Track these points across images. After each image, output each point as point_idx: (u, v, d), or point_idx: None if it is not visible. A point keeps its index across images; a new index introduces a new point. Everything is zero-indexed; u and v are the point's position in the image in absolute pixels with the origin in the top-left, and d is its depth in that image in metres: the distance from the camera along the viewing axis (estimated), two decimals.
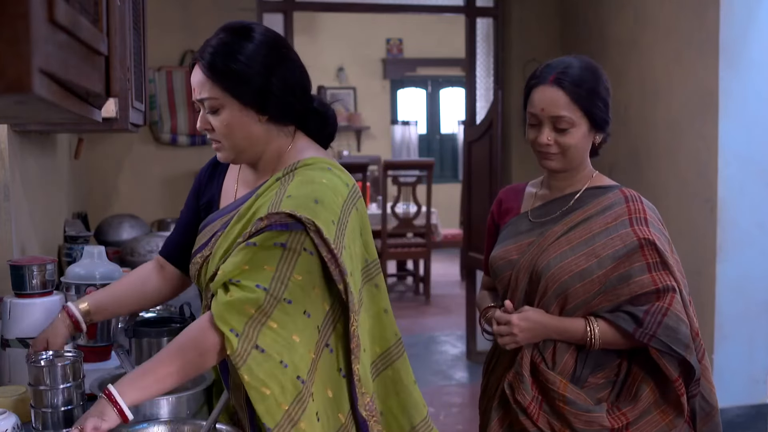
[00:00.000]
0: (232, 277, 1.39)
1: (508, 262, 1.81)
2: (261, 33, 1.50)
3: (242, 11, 4.55)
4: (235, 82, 1.46)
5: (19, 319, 1.64)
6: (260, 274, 1.38)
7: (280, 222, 1.40)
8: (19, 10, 0.69)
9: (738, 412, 3.63)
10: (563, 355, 1.74)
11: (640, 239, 1.68)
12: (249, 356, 1.35)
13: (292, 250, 1.40)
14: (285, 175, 1.51)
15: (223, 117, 1.48)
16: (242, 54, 1.46)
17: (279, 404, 1.36)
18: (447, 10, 6.69)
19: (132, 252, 3.36)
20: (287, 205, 1.41)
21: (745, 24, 3.64)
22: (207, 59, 1.47)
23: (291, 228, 1.40)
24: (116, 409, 1.33)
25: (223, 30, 1.52)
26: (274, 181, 1.51)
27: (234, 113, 1.48)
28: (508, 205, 1.93)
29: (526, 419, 1.73)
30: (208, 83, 1.47)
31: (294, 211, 1.40)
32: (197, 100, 1.50)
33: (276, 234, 1.40)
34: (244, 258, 1.40)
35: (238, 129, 1.49)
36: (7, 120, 1.73)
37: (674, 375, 1.67)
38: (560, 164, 1.77)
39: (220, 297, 1.39)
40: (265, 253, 1.40)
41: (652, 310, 1.65)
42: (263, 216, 1.41)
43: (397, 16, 9.39)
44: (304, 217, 1.39)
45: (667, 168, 4.02)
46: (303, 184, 1.46)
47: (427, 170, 7.06)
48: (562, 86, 1.71)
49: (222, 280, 1.40)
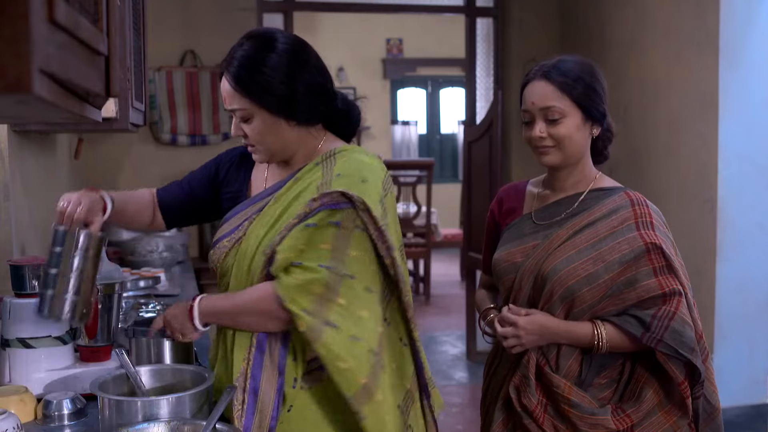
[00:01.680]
0: (293, 260, 1.47)
1: (512, 264, 1.80)
2: (283, 42, 1.56)
3: (242, 11, 4.55)
4: (262, 93, 1.53)
5: (19, 319, 1.64)
6: (318, 253, 1.47)
7: (333, 201, 1.49)
8: (19, 10, 0.69)
9: (738, 412, 3.63)
10: (568, 358, 1.73)
11: (647, 244, 1.68)
12: (323, 332, 1.44)
13: (346, 228, 1.49)
14: (324, 160, 1.59)
15: (254, 125, 1.56)
16: (266, 65, 1.52)
17: (356, 377, 1.45)
18: (447, 10, 6.70)
19: (132, 252, 3.36)
20: (338, 184, 1.50)
21: (745, 24, 3.64)
22: (233, 72, 1.54)
23: (343, 207, 1.49)
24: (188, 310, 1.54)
25: (246, 39, 1.58)
26: (314, 166, 1.59)
27: (264, 121, 1.55)
28: (510, 204, 1.92)
29: (531, 422, 1.73)
30: (236, 95, 1.54)
31: (346, 190, 1.48)
32: (228, 109, 1.58)
33: (330, 213, 1.48)
34: (301, 238, 1.48)
35: (270, 135, 1.57)
36: (7, 120, 1.73)
37: (680, 378, 1.66)
38: (557, 158, 1.76)
39: (285, 280, 1.47)
40: (322, 232, 1.48)
41: (659, 315, 1.65)
42: (316, 196, 1.49)
43: (397, 16, 9.39)
44: (355, 196, 1.48)
45: (667, 168, 4.02)
46: (349, 165, 1.56)
47: (427, 170, 7.06)
48: (549, 78, 1.73)
49: (283, 264, 1.48)
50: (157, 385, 1.60)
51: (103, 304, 1.75)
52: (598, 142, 1.81)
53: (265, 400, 1.52)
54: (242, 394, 1.52)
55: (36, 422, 1.55)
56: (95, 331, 1.71)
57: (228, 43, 1.65)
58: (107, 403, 1.44)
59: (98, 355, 1.73)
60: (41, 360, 1.65)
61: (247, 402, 1.52)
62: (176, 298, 2.79)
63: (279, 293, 1.46)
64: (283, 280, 1.47)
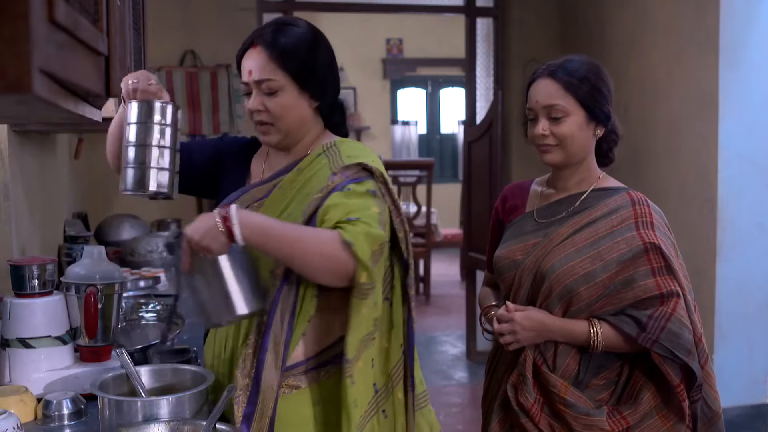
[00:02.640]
0: (350, 216, 1.43)
1: (512, 262, 1.80)
2: (307, 25, 1.61)
3: (242, 11, 4.55)
4: (297, 65, 1.54)
5: (19, 319, 1.64)
6: (370, 213, 1.46)
7: (355, 175, 1.50)
8: (19, 10, 0.69)
9: (738, 412, 3.63)
10: (565, 357, 1.73)
11: (645, 243, 1.68)
12: (372, 291, 1.44)
13: (378, 197, 1.51)
14: (326, 150, 1.59)
15: (280, 99, 1.55)
16: (311, 47, 1.56)
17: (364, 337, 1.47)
18: (447, 10, 6.69)
19: (132, 252, 3.36)
20: (352, 161, 1.51)
21: (745, 24, 3.64)
22: (269, 41, 1.54)
23: (364, 179, 1.51)
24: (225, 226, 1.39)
25: (289, 19, 1.62)
26: (316, 156, 1.58)
27: (292, 96, 1.56)
28: (513, 202, 1.92)
29: (527, 421, 1.73)
30: (270, 65, 1.54)
31: (365, 163, 1.51)
32: (254, 81, 1.55)
33: (360, 184, 1.49)
34: (346, 202, 1.46)
35: (293, 111, 1.57)
36: (7, 120, 1.73)
37: (676, 381, 1.66)
38: (559, 157, 1.76)
39: (351, 228, 1.42)
40: (364, 198, 1.48)
41: (656, 315, 1.64)
42: (336, 170, 1.50)
43: (397, 16, 9.39)
44: (375, 168, 1.51)
45: (667, 168, 4.02)
46: (355, 149, 1.58)
47: (427, 170, 7.06)
48: (554, 77, 1.73)
49: (339, 218, 1.44)
50: (157, 385, 1.60)
51: (104, 304, 1.74)
52: (602, 144, 1.81)
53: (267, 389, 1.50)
54: (247, 379, 1.50)
55: (36, 422, 1.55)
56: (95, 331, 1.71)
57: (228, 43, 1.67)
58: (107, 403, 1.44)
59: (98, 355, 1.73)
60: (41, 360, 1.64)
61: (250, 390, 1.49)
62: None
63: (347, 238, 1.40)
64: (350, 228, 1.42)
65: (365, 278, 1.42)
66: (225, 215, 1.40)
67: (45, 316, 1.65)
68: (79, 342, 1.73)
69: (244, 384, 1.50)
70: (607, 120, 1.76)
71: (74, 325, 1.70)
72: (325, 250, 1.42)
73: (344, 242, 1.41)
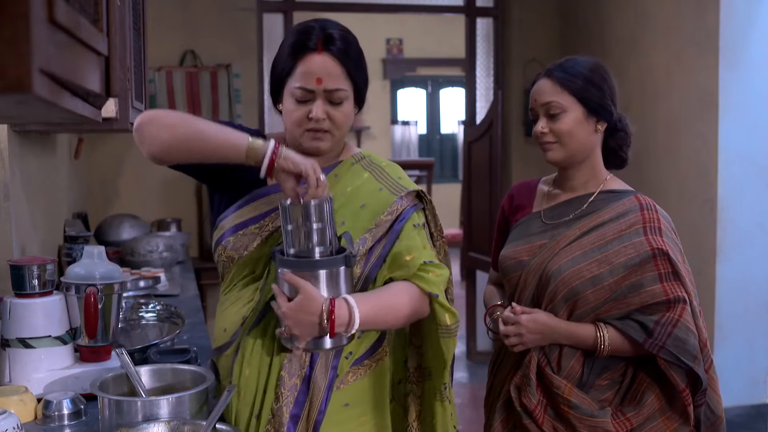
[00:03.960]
0: (424, 259, 1.54)
1: (518, 262, 1.80)
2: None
3: (242, 11, 4.55)
4: (363, 81, 1.57)
5: (19, 319, 1.64)
6: (429, 252, 1.57)
7: (414, 203, 1.60)
8: (19, 10, 0.69)
9: (738, 412, 3.63)
10: (569, 360, 1.73)
11: (653, 249, 1.67)
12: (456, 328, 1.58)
13: (424, 227, 1.62)
14: (359, 161, 1.63)
15: (345, 108, 1.55)
16: (357, 50, 1.57)
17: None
18: (447, 10, 6.69)
19: (132, 252, 3.36)
20: (407, 185, 1.60)
21: (745, 24, 3.64)
22: (354, 56, 1.54)
23: (420, 207, 1.62)
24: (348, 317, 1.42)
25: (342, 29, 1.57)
26: (350, 166, 1.62)
27: (350, 105, 1.57)
28: (520, 201, 1.92)
29: (530, 422, 1.73)
30: (343, 77, 1.52)
31: (421, 191, 1.62)
32: (327, 90, 1.50)
33: (418, 214, 1.60)
34: (417, 238, 1.56)
35: (349, 120, 1.58)
36: (7, 120, 1.73)
37: (681, 385, 1.66)
38: (560, 154, 1.76)
39: (431, 278, 1.53)
40: (421, 234, 1.59)
41: (663, 321, 1.64)
42: (403, 194, 1.58)
43: (397, 16, 9.39)
44: (424, 194, 1.63)
45: (667, 168, 4.02)
46: (393, 168, 1.65)
47: (427, 170, 7.07)
48: (551, 76, 1.75)
49: (416, 266, 1.53)
50: (157, 385, 1.60)
51: (104, 304, 1.74)
52: (609, 142, 1.80)
53: (316, 390, 1.51)
54: (295, 379, 1.51)
55: (36, 422, 1.55)
56: (95, 331, 1.71)
57: (228, 43, 1.66)
58: (107, 403, 1.44)
59: (98, 355, 1.73)
60: (41, 360, 1.64)
61: (299, 389, 1.50)
62: (176, 298, 2.78)
63: (430, 290, 1.52)
64: (429, 278, 1.53)
65: (450, 320, 1.55)
66: (332, 314, 1.39)
67: (45, 316, 1.65)
68: (79, 342, 1.73)
69: (291, 384, 1.51)
70: (608, 115, 1.75)
71: (74, 325, 1.70)
72: (416, 307, 1.54)
73: (428, 294, 1.53)
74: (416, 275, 1.52)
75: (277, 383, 1.51)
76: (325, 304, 1.39)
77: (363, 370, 1.58)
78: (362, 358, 1.58)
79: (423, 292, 1.52)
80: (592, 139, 1.76)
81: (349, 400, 1.56)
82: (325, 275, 1.40)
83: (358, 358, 1.57)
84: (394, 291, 1.52)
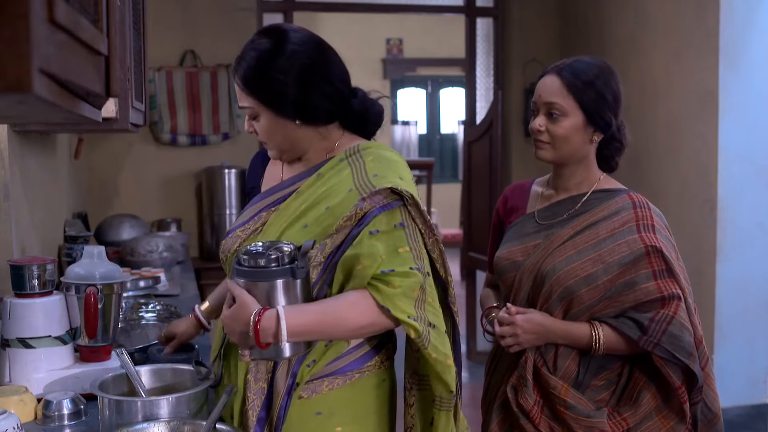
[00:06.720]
0: (382, 268, 1.41)
1: (513, 263, 1.80)
2: (295, 42, 1.53)
3: (242, 11, 4.55)
4: (267, 94, 1.51)
5: (19, 319, 1.64)
6: (402, 257, 1.43)
7: (386, 201, 1.46)
8: (19, 10, 0.69)
9: (738, 412, 3.63)
10: (565, 359, 1.73)
11: (646, 246, 1.67)
12: (430, 335, 1.44)
13: (409, 226, 1.48)
14: (349, 156, 1.56)
15: (262, 123, 1.55)
16: (274, 68, 1.50)
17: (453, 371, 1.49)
18: (447, 10, 6.69)
19: (132, 252, 3.36)
20: (381, 183, 1.46)
21: (745, 24, 3.64)
22: (241, 73, 1.53)
23: (396, 205, 1.46)
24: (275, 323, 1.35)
25: (258, 37, 1.56)
26: (338, 162, 1.55)
27: (271, 120, 1.54)
28: (514, 203, 1.92)
29: (527, 423, 1.73)
30: (243, 94, 1.54)
31: (395, 186, 1.45)
32: (239, 107, 1.59)
33: (389, 216, 1.45)
34: (375, 246, 1.42)
35: (276, 133, 1.55)
36: (7, 120, 1.73)
37: (677, 383, 1.66)
38: (550, 155, 1.76)
39: (386, 290, 1.41)
40: (393, 236, 1.44)
41: (657, 318, 1.64)
42: (365, 195, 1.45)
43: (397, 16, 9.39)
44: (405, 191, 1.46)
45: (667, 168, 4.02)
46: (380, 162, 1.53)
47: (427, 170, 7.07)
48: (560, 75, 1.73)
49: (370, 273, 1.41)
50: (157, 385, 1.60)
51: (104, 304, 1.74)
52: (604, 151, 1.80)
53: (275, 395, 1.49)
54: (262, 383, 1.49)
55: (36, 422, 1.55)
56: (95, 331, 1.71)
57: (228, 43, 1.66)
58: (107, 403, 1.44)
59: (98, 355, 1.73)
60: (41, 360, 1.65)
61: (266, 394, 1.49)
62: (176, 298, 2.78)
63: (383, 304, 1.41)
64: (384, 290, 1.41)
65: (414, 334, 1.42)
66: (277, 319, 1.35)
67: (45, 316, 1.65)
68: (79, 342, 1.73)
69: (258, 388, 1.50)
70: (606, 127, 1.75)
71: (74, 325, 1.71)
72: (366, 322, 1.43)
73: (381, 307, 1.41)
74: (371, 285, 1.42)
75: (245, 386, 1.50)
76: (254, 314, 1.36)
77: (341, 380, 1.52)
78: (347, 369, 1.52)
79: (378, 304, 1.42)
80: (585, 146, 1.76)
81: (323, 409, 1.51)
82: (265, 286, 1.39)
83: (342, 368, 1.52)
84: (344, 302, 1.43)
